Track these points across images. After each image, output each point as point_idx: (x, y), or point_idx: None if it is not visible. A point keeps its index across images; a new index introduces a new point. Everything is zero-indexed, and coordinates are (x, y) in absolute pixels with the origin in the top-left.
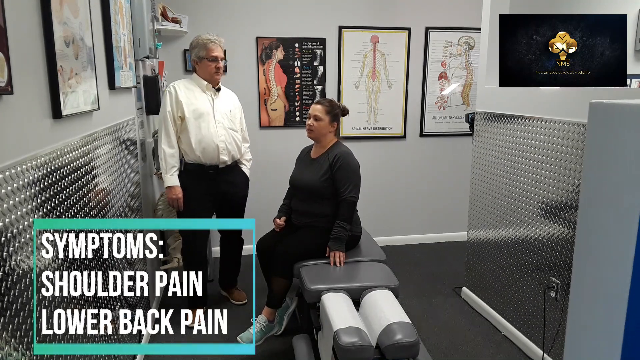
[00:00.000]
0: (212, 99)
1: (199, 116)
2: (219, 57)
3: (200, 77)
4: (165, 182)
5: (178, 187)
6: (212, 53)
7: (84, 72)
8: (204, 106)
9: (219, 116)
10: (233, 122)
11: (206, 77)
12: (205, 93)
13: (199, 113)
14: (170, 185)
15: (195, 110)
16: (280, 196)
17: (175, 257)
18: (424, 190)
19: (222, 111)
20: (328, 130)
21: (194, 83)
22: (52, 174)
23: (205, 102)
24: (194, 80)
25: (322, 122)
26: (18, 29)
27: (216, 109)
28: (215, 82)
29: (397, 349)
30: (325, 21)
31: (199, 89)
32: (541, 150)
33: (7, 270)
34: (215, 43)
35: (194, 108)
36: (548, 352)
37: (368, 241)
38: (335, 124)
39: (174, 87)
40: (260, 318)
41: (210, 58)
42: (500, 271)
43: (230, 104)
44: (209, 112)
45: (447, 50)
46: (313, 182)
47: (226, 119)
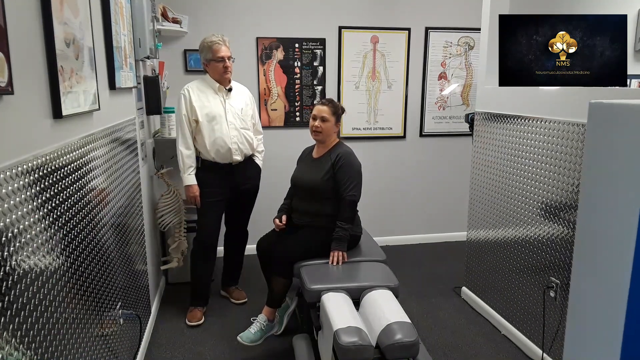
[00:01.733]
0: (225, 100)
1: (212, 119)
2: (226, 57)
3: (212, 79)
4: (184, 181)
5: (195, 185)
6: (218, 54)
7: (85, 72)
8: (217, 109)
9: (231, 117)
10: (245, 120)
11: (216, 77)
12: (218, 95)
13: (212, 116)
14: (189, 184)
15: (208, 114)
16: (281, 196)
17: (175, 257)
18: (424, 190)
19: (234, 111)
20: (333, 130)
21: (206, 84)
22: (53, 174)
23: (217, 104)
24: (206, 81)
25: (329, 123)
26: (18, 29)
27: (228, 111)
28: (226, 82)
29: (397, 348)
30: (325, 21)
31: (211, 90)
32: (541, 150)
33: (8, 270)
34: (220, 44)
35: (207, 112)
36: (547, 352)
37: (368, 241)
38: (339, 124)
39: (188, 90)
40: (260, 317)
41: (217, 59)
42: (500, 271)
43: (242, 101)
44: (222, 114)
45: (447, 51)
46: (315, 181)
47: (238, 119)
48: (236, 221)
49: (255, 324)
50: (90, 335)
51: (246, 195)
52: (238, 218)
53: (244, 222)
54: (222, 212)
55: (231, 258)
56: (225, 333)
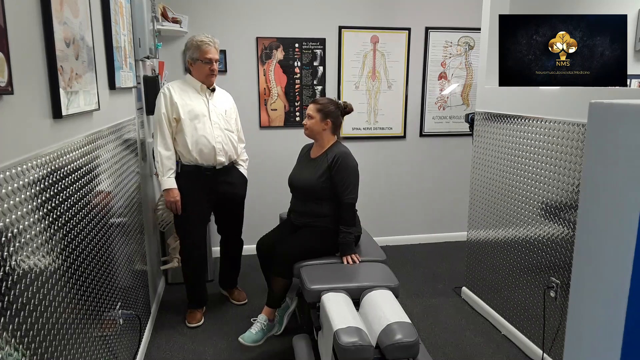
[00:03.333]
0: (207, 100)
1: (194, 117)
2: (214, 59)
3: (194, 79)
4: (163, 185)
5: (176, 189)
6: (206, 55)
7: (85, 72)
8: (200, 107)
9: (215, 117)
10: (229, 122)
11: (200, 78)
12: (200, 94)
13: (195, 114)
14: (168, 188)
15: (190, 112)
16: (281, 196)
17: (175, 258)
18: (424, 190)
19: (218, 112)
20: (321, 128)
21: (188, 84)
22: (53, 174)
23: (200, 103)
24: (188, 81)
25: (313, 120)
26: (18, 29)
27: (212, 110)
28: (210, 84)
29: (397, 348)
30: (325, 21)
31: (193, 89)
32: (541, 150)
33: (7, 270)
34: (210, 45)
35: (190, 109)
36: (548, 352)
37: (368, 241)
38: (328, 122)
39: (168, 88)
40: (260, 317)
41: (204, 60)
42: (500, 271)
43: (226, 104)
44: (205, 113)
45: (447, 51)
46: (310, 182)
47: (222, 120)
48: (228, 231)
49: (256, 324)
50: (90, 335)
51: (232, 204)
52: (229, 228)
53: (236, 231)
54: (207, 222)
55: (228, 262)
56: (225, 333)
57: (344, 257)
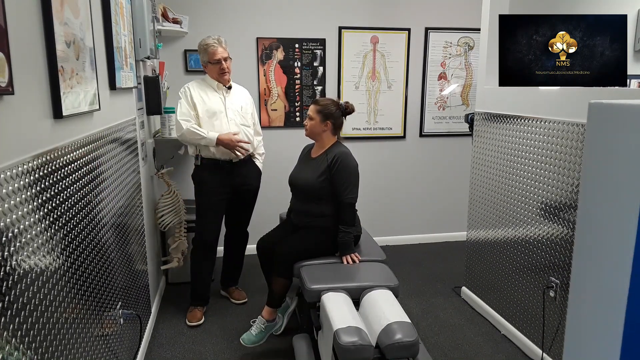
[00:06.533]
0: (224, 97)
1: (212, 115)
2: (222, 58)
3: (210, 78)
4: (210, 141)
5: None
6: (214, 57)
7: (85, 73)
8: (217, 105)
9: (231, 114)
10: (245, 117)
11: (215, 78)
12: (217, 92)
13: (212, 112)
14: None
15: (208, 110)
16: (281, 196)
17: (175, 257)
18: (424, 190)
19: (234, 108)
20: (321, 129)
21: (206, 83)
22: (53, 174)
23: (217, 101)
24: (206, 80)
25: (313, 121)
26: (19, 30)
27: (228, 107)
28: (225, 82)
29: (397, 348)
30: (325, 22)
31: (211, 88)
32: (541, 150)
33: (8, 270)
34: (215, 46)
35: (207, 108)
36: (547, 352)
37: (368, 241)
38: (328, 124)
39: (188, 88)
40: (260, 318)
41: (213, 61)
42: (500, 271)
43: (242, 100)
44: (222, 110)
45: (447, 51)
46: (310, 182)
47: (238, 116)
48: (236, 222)
49: (256, 325)
50: (90, 335)
51: (246, 195)
52: (238, 219)
53: (244, 223)
54: (223, 212)
55: (231, 258)
56: (225, 333)
57: (343, 257)
